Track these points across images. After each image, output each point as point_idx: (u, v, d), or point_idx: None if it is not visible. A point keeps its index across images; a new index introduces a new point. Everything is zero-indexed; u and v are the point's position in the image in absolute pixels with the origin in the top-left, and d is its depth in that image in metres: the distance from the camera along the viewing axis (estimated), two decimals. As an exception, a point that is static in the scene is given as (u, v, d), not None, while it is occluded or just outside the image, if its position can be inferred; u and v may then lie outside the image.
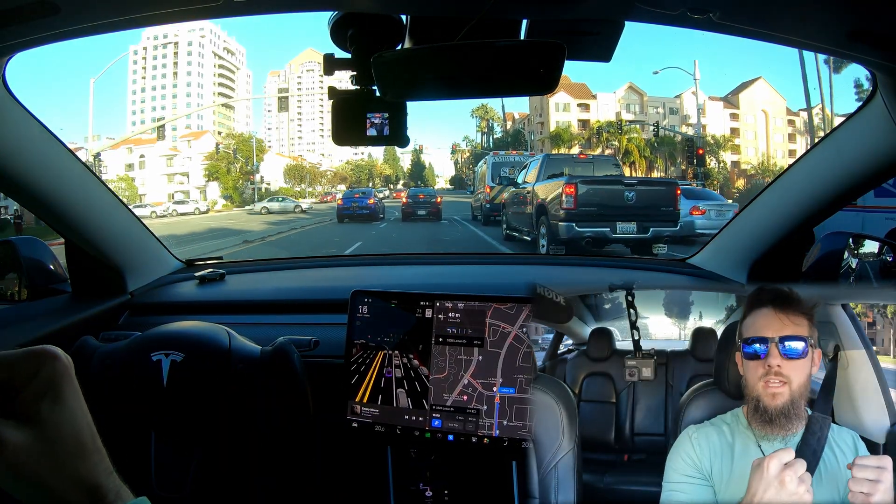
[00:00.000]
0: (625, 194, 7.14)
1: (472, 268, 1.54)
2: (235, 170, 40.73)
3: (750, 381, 0.72)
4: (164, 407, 0.86)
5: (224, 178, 40.54)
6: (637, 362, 0.98)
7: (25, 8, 0.63)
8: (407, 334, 0.92)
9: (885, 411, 0.75)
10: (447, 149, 70.29)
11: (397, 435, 0.90)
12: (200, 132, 50.03)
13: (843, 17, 0.65)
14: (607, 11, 0.69)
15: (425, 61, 0.72)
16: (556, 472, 0.84)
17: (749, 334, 0.72)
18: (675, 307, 1.00)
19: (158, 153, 43.99)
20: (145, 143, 44.56)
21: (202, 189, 41.52)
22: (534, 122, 47.46)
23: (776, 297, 0.72)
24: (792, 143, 39.93)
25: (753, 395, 0.71)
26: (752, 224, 1.18)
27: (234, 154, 40.68)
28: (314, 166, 54.85)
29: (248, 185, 40.86)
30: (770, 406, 0.69)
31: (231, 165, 40.59)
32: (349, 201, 17.91)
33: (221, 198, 39.77)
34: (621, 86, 44.18)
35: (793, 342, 0.69)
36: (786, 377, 0.69)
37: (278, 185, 47.97)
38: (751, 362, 0.71)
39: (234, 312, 1.21)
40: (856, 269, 1.06)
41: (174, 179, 43.91)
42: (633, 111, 42.69)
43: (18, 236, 1.22)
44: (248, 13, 0.72)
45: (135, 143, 44.13)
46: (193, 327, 0.91)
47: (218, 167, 40.73)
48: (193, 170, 43.15)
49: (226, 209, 35.60)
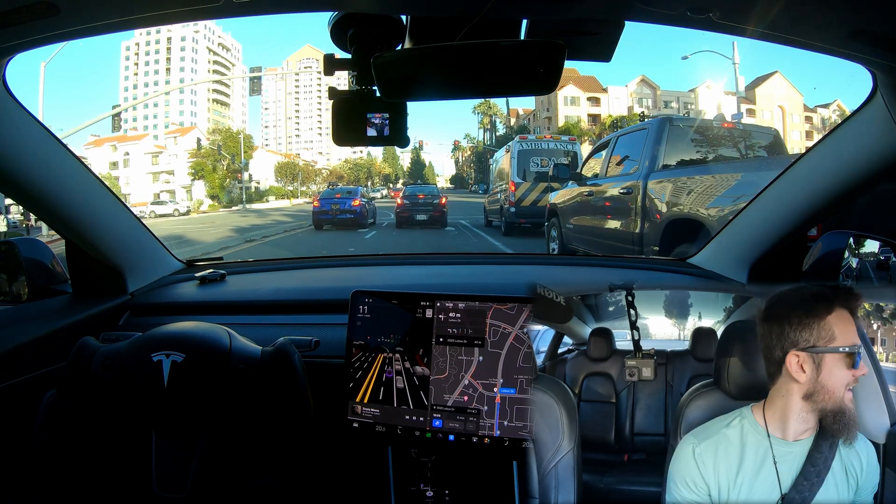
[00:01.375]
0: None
1: (472, 268, 1.54)
2: (222, 168, 38.29)
3: (833, 388, 0.68)
4: (164, 407, 0.86)
5: (209, 177, 38.20)
6: (637, 362, 0.98)
7: (25, 9, 0.63)
8: (407, 334, 0.92)
9: (885, 411, 0.75)
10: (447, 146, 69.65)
11: (398, 435, 0.90)
12: (187, 128, 47.80)
13: (843, 17, 0.65)
14: (607, 11, 0.69)
15: (425, 61, 0.72)
16: (556, 472, 0.84)
17: (850, 340, 0.68)
18: (675, 307, 1.00)
19: (143, 150, 42.01)
20: (130, 140, 42.52)
21: (188, 188, 39.66)
22: (540, 118, 45.86)
23: (852, 299, 0.69)
24: (809, 140, 38.53)
25: (836, 405, 0.67)
26: (753, 224, 1.17)
27: (218, 150, 38.03)
28: (308, 164, 53.26)
29: (235, 183, 38.39)
30: (853, 410, 0.67)
31: (217, 163, 38.15)
32: (327, 203, 13.88)
33: (208, 197, 38.01)
34: (633, 79, 42.95)
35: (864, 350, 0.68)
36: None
37: (269, 184, 46.19)
38: (846, 371, 0.67)
39: (235, 313, 1.21)
40: (856, 268, 1.06)
41: (159, 178, 41.95)
42: (645, 105, 41.47)
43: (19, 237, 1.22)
44: (248, 13, 0.72)
45: (119, 140, 42.08)
46: (194, 328, 0.92)
47: (203, 165, 38.30)
48: (179, 168, 41.07)
49: (212, 209, 33.97)
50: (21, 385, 0.96)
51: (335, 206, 13.64)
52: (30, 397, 0.94)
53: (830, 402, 0.68)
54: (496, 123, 54.63)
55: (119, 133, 13.08)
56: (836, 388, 0.68)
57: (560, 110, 42.14)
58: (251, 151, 42.79)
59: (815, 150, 1.00)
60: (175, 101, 57.03)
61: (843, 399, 0.68)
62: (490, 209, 12.96)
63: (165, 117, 55.35)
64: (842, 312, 0.69)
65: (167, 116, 55.58)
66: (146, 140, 44.35)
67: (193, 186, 39.42)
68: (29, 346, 0.99)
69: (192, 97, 57.83)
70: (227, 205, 36.04)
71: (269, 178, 47.73)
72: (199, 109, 58.12)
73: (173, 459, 0.88)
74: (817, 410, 0.69)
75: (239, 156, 37.19)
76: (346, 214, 13.55)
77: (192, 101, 57.64)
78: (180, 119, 54.14)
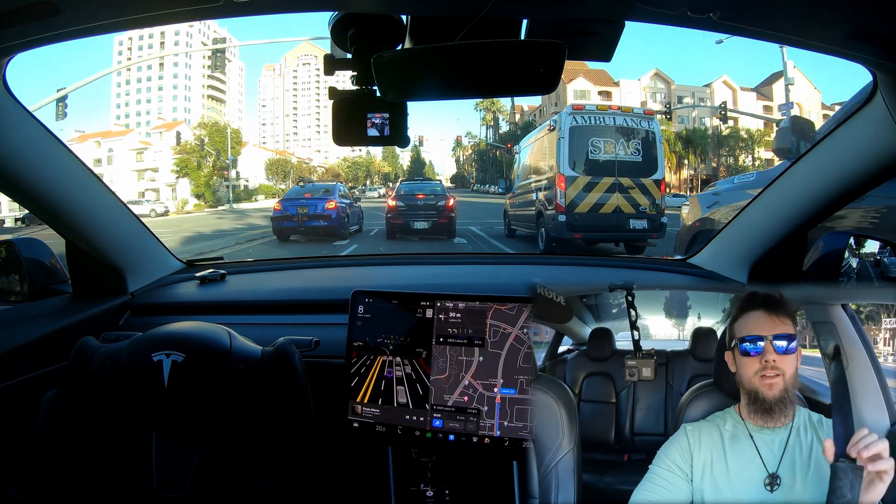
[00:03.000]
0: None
1: (472, 268, 1.54)
2: (207, 164, 35.27)
3: (745, 376, 0.77)
4: (164, 407, 0.86)
5: (193, 175, 35.16)
6: (637, 362, 0.98)
7: (25, 9, 0.64)
8: (408, 334, 0.92)
9: (885, 411, 0.75)
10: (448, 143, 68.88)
11: (398, 435, 0.90)
12: (174, 123, 44.63)
13: (843, 17, 0.65)
14: (607, 11, 0.69)
15: (425, 61, 0.72)
16: (556, 472, 0.84)
17: (743, 334, 0.78)
18: (675, 307, 1.00)
19: (128, 147, 39.58)
20: (114, 136, 40.32)
21: (173, 186, 37.00)
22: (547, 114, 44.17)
23: (768, 301, 0.78)
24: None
25: (751, 389, 0.77)
26: (753, 224, 1.17)
27: (201, 145, 34.80)
28: (302, 161, 51.16)
29: (221, 181, 35.55)
30: (768, 396, 0.75)
31: (202, 160, 35.07)
32: (292, 205, 10.21)
33: (193, 196, 35.37)
34: (647, 72, 41.77)
35: (785, 340, 0.76)
36: (780, 370, 0.75)
37: (259, 182, 44.28)
38: (746, 359, 0.77)
39: (235, 313, 1.21)
40: (856, 268, 1.06)
41: (144, 176, 39.36)
42: (659, 100, 40.31)
43: (19, 237, 1.22)
44: (248, 13, 0.72)
45: (103, 135, 40.03)
46: (194, 328, 0.92)
47: (187, 161, 35.20)
48: (165, 165, 38.27)
49: (197, 209, 31.50)
50: (21, 385, 0.96)
51: (302, 211, 9.92)
52: (30, 397, 0.94)
53: (748, 388, 0.77)
54: (499, 121, 53.99)
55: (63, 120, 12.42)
56: (744, 376, 0.77)
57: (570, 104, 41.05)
58: (239, 147, 40.13)
59: (815, 150, 1.00)
60: (168, 96, 55.32)
61: (751, 384, 0.76)
62: (515, 214, 9.62)
63: (158, 113, 53.68)
64: (757, 312, 0.78)
65: (160, 113, 53.94)
66: (131, 135, 41.85)
67: (178, 184, 36.79)
68: (29, 346, 0.99)
69: (187, 93, 56.14)
70: (214, 204, 34.22)
71: (260, 176, 45.93)
72: (193, 105, 56.64)
73: (173, 459, 0.88)
74: (745, 395, 0.78)
75: (225, 151, 34.51)
76: (317, 221, 9.91)
77: (185, 96, 56.01)
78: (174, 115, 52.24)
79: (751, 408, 0.77)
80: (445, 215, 9.58)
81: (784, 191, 1.09)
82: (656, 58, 62.60)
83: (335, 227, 10.03)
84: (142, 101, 55.39)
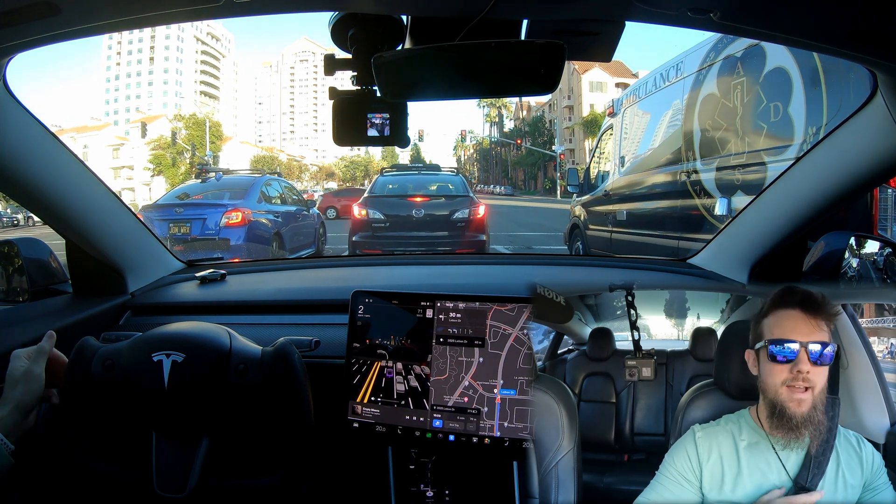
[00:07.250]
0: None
1: (472, 268, 1.54)
2: (184, 161, 30.29)
3: (770, 384, 0.69)
4: (164, 407, 0.86)
5: (168, 172, 30.73)
6: (637, 362, 0.98)
7: (25, 9, 0.63)
8: (408, 335, 0.92)
9: (885, 411, 0.75)
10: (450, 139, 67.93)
11: (398, 435, 0.90)
12: (153, 116, 40.31)
13: (843, 17, 0.65)
14: (607, 11, 0.69)
15: (426, 61, 0.72)
16: (556, 473, 0.84)
17: (776, 335, 0.69)
18: (675, 307, 1.01)
19: (105, 143, 36.50)
20: (90, 131, 37.30)
21: (148, 185, 34.02)
22: (558, 108, 40.84)
23: (807, 300, 0.69)
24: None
25: (776, 401, 0.68)
26: (753, 224, 1.17)
27: (172, 139, 29.72)
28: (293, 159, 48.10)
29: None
30: (796, 413, 0.67)
31: (178, 156, 30.60)
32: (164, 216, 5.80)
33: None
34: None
35: (823, 348, 0.67)
36: (811, 383, 0.67)
37: None
38: (774, 365, 0.68)
39: (235, 313, 1.21)
40: (857, 268, 1.06)
41: (120, 174, 36.05)
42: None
43: (19, 237, 1.22)
44: (248, 13, 0.72)
45: (78, 130, 36.85)
46: (194, 328, 0.91)
47: (161, 158, 31.13)
48: (140, 162, 34.68)
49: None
50: None
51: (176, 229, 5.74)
52: None
53: (772, 397, 0.69)
54: (503, 118, 53.16)
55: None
56: (769, 383, 0.69)
57: (584, 98, 36.59)
58: (220, 142, 35.68)
59: (815, 150, 1.00)
60: (159, 91, 53.44)
61: (777, 395, 0.68)
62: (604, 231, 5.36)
63: (148, 109, 51.44)
64: (794, 312, 0.69)
65: (150, 109, 51.63)
66: (107, 130, 38.42)
67: (153, 183, 32.68)
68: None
69: (178, 88, 54.26)
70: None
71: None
72: (184, 101, 54.23)
73: (173, 459, 0.87)
74: (766, 404, 0.70)
75: (203, 147, 29.26)
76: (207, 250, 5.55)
77: (176, 92, 54.10)
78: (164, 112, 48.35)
79: (773, 422, 0.69)
80: (470, 237, 5.27)
81: (784, 191, 1.09)
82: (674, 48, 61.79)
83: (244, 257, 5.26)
84: (131, 97, 53.12)
